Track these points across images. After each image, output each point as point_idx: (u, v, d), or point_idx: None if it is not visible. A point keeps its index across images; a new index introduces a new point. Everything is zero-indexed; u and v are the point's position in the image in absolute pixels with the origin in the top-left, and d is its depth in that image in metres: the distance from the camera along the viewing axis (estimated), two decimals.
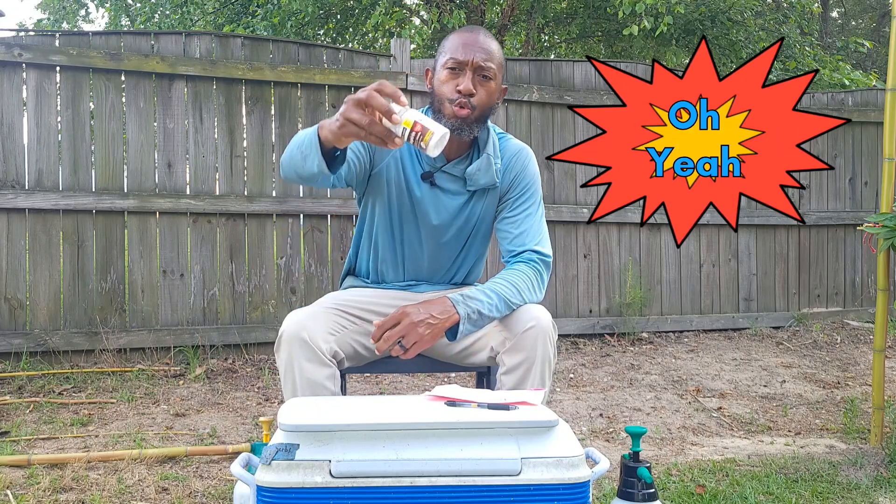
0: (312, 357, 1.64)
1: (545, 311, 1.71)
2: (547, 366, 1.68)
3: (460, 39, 1.75)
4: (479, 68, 1.73)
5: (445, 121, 1.75)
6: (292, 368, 1.65)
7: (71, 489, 2.25)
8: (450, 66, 1.74)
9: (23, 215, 3.70)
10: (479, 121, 1.78)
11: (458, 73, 1.74)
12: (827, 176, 5.36)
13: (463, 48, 1.73)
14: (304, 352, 1.64)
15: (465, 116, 1.74)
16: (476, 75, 1.74)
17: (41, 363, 3.66)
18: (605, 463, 1.40)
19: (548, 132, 4.68)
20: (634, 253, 4.86)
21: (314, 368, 1.64)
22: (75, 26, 11.53)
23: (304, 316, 1.69)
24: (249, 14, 8.96)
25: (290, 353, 1.65)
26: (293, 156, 1.62)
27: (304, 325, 1.66)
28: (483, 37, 1.77)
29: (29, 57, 3.69)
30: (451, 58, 1.74)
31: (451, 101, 1.74)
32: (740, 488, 2.35)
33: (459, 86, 1.72)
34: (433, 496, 1.23)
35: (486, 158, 1.82)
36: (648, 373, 3.98)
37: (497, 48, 1.78)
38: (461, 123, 1.74)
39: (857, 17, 18.39)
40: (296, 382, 1.65)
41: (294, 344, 1.64)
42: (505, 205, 1.89)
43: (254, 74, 4.04)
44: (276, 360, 1.70)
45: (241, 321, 4.03)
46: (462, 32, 1.77)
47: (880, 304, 2.77)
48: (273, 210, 4.07)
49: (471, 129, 1.77)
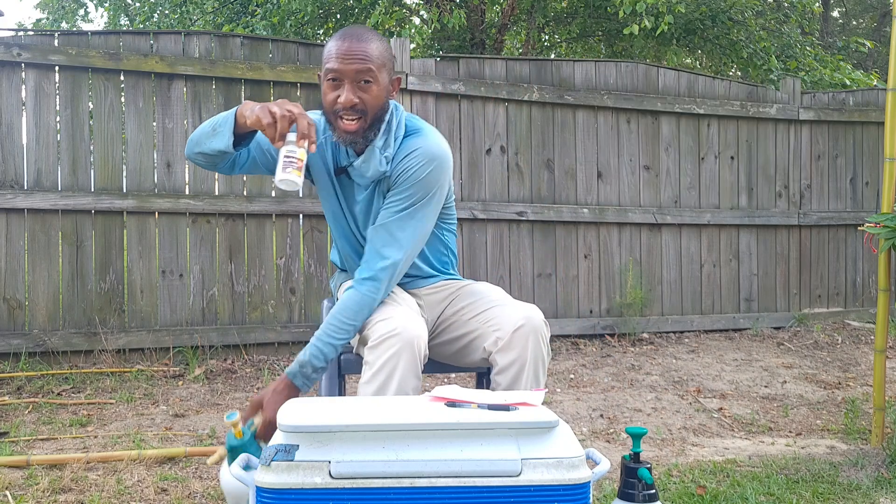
0: (414, 369, 1.63)
1: (536, 309, 1.71)
2: (540, 364, 1.68)
3: (335, 48, 1.70)
4: (358, 74, 1.69)
5: (337, 136, 1.74)
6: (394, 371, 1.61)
7: (70, 490, 2.25)
8: (330, 77, 1.72)
9: (22, 215, 3.69)
10: (373, 125, 1.74)
11: (339, 85, 1.71)
12: (828, 176, 5.36)
13: (338, 58, 1.69)
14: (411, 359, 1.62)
15: (354, 130, 1.72)
16: (356, 83, 1.70)
17: (40, 364, 3.65)
18: (606, 464, 1.40)
19: (548, 132, 4.67)
20: (635, 253, 4.85)
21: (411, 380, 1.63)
22: (74, 26, 11.53)
23: (414, 321, 1.66)
24: (249, 13, 8.95)
25: (399, 352, 1.61)
26: (203, 131, 1.73)
27: (416, 334, 1.63)
28: (356, 42, 1.70)
29: (28, 57, 3.68)
30: (328, 68, 1.72)
31: (335, 114, 1.72)
32: (741, 489, 2.34)
33: (340, 98, 1.70)
34: (433, 497, 1.22)
35: (370, 151, 1.77)
36: (649, 373, 3.97)
37: (376, 47, 1.72)
38: (353, 137, 1.73)
39: (857, 16, 18.39)
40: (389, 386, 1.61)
41: (407, 347, 1.62)
42: (388, 197, 1.81)
43: (253, 74, 4.03)
44: (371, 353, 1.64)
45: (240, 321, 4.02)
46: (337, 39, 1.72)
47: (881, 305, 2.77)
48: (272, 210, 4.06)
49: (365, 138, 1.74)
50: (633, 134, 4.86)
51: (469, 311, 1.82)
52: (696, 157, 5.02)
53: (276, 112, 1.57)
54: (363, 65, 1.69)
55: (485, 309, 1.79)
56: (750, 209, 5.14)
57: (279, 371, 3.80)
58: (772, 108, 5.15)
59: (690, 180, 5.00)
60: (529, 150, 4.61)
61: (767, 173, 5.19)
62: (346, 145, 1.76)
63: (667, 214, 4.88)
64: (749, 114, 5.09)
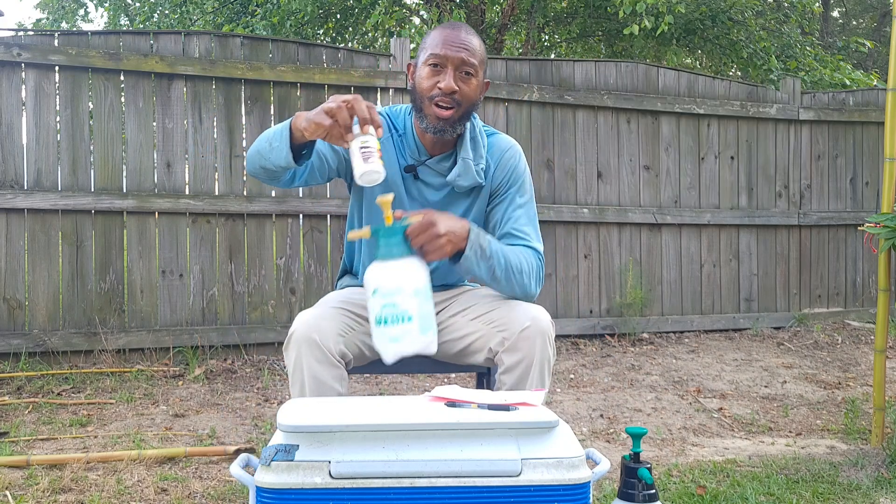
0: (322, 358, 1.64)
1: (543, 310, 1.71)
2: (546, 365, 1.68)
3: (442, 36, 1.73)
4: (462, 64, 1.72)
5: (427, 122, 1.75)
6: (301, 369, 1.64)
7: (70, 490, 2.25)
8: (431, 62, 1.73)
9: (21, 215, 3.69)
10: (463, 118, 1.77)
11: (440, 71, 1.72)
12: (828, 176, 5.36)
13: (444, 45, 1.71)
14: (313, 352, 1.64)
15: (447, 117, 1.73)
16: (458, 72, 1.72)
17: (40, 364, 3.65)
18: (606, 464, 1.40)
19: (548, 132, 4.67)
20: (635, 253, 4.85)
21: (323, 369, 1.64)
22: (74, 26, 11.53)
23: (314, 316, 1.68)
24: (249, 13, 8.95)
25: (299, 353, 1.64)
26: (261, 147, 1.67)
27: (314, 326, 1.65)
28: (465, 33, 1.74)
29: (28, 57, 3.68)
30: (432, 54, 1.72)
31: (431, 99, 1.73)
32: (741, 489, 2.34)
33: (441, 83, 1.71)
34: (433, 497, 1.22)
35: (462, 163, 1.80)
36: (649, 373, 3.97)
37: (479, 44, 1.76)
38: (444, 125, 1.74)
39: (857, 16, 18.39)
40: (304, 383, 1.64)
41: (304, 344, 1.64)
42: (496, 203, 1.87)
43: (253, 74, 4.03)
44: (285, 359, 1.70)
45: (240, 321, 4.02)
46: (444, 29, 1.75)
47: (881, 305, 2.77)
48: (272, 210, 4.06)
49: (454, 129, 1.77)
50: (633, 134, 4.87)
51: (472, 312, 1.82)
52: (696, 157, 5.02)
53: (332, 108, 1.51)
54: (468, 55, 1.72)
55: (489, 310, 1.78)
56: (750, 209, 5.14)
57: (279, 371, 3.80)
58: (772, 108, 5.15)
59: (690, 180, 5.00)
60: (529, 149, 4.61)
61: (767, 173, 5.19)
62: (434, 132, 1.75)
63: (667, 214, 4.88)
64: (749, 114, 5.09)
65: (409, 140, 1.84)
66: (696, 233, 4.99)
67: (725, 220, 5.05)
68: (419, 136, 1.83)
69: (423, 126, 1.77)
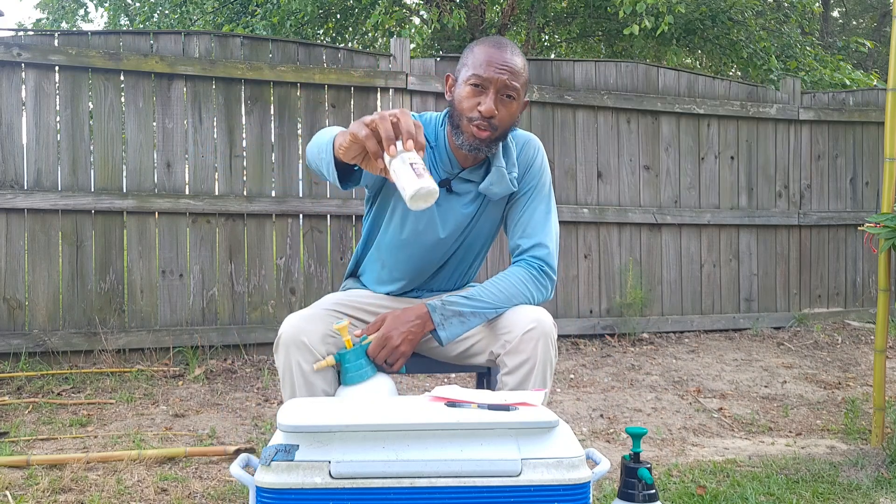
0: (310, 359, 1.66)
1: (546, 312, 1.70)
2: (548, 367, 1.68)
3: (486, 56, 1.68)
4: (504, 88, 1.68)
5: (463, 139, 1.72)
6: (290, 371, 1.66)
7: (70, 490, 2.25)
8: (473, 82, 1.68)
9: (21, 215, 3.69)
10: (499, 139, 1.74)
11: (481, 92, 1.68)
12: (828, 176, 5.36)
13: (488, 65, 1.67)
14: (302, 354, 1.65)
15: (484, 138, 1.71)
16: (499, 95, 1.68)
17: (40, 364, 3.65)
18: (606, 464, 1.40)
19: (548, 132, 4.67)
20: (635, 253, 4.85)
21: (311, 371, 1.66)
22: (74, 26, 11.53)
23: (302, 318, 1.69)
24: (249, 13, 8.95)
25: (287, 355, 1.66)
26: (316, 157, 1.60)
27: (302, 328, 1.66)
28: (510, 54, 1.70)
29: (28, 57, 3.68)
30: (474, 73, 1.68)
31: (470, 120, 1.69)
32: (741, 489, 2.34)
33: (481, 106, 1.67)
34: (433, 497, 1.22)
35: (497, 171, 1.78)
36: (649, 373, 3.97)
37: (523, 64, 1.72)
38: (480, 145, 1.72)
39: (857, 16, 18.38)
40: (294, 384, 1.66)
41: (292, 346, 1.65)
42: (513, 200, 1.86)
43: (253, 74, 4.03)
44: (275, 361, 1.71)
45: (240, 321, 4.02)
46: (489, 47, 1.70)
47: (881, 305, 2.77)
48: (272, 210, 4.06)
49: (489, 148, 1.74)
50: (633, 134, 4.86)
51: None
52: (696, 157, 5.02)
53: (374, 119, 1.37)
54: (512, 79, 1.68)
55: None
56: (750, 209, 5.14)
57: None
58: (772, 108, 5.15)
59: (690, 180, 4.99)
60: None
61: (767, 173, 5.19)
62: (469, 150, 1.73)
63: (667, 214, 4.88)
64: (749, 114, 5.09)
65: (440, 152, 1.81)
66: (696, 233, 4.99)
67: (725, 220, 5.04)
68: (452, 148, 1.80)
69: (459, 143, 1.74)
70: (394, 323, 1.66)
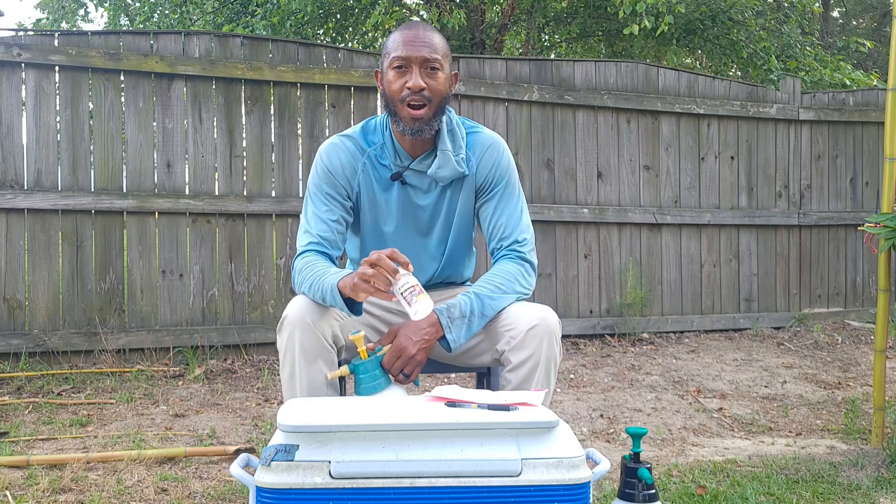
0: (314, 340, 1.65)
1: (550, 310, 1.71)
2: (552, 364, 1.68)
3: (401, 38, 1.76)
4: (425, 62, 1.74)
5: (403, 125, 1.76)
6: (293, 350, 1.65)
7: (70, 490, 2.25)
8: (395, 65, 1.75)
9: (22, 215, 3.69)
10: (437, 115, 1.79)
11: (406, 71, 1.74)
12: (828, 176, 5.36)
13: (405, 45, 1.74)
14: (306, 334, 1.64)
15: (421, 117, 1.75)
16: (423, 69, 1.74)
17: (40, 364, 3.65)
18: (606, 464, 1.40)
19: (548, 132, 4.67)
20: (635, 253, 4.85)
21: (315, 351, 1.64)
22: (74, 26, 11.53)
23: (307, 301, 1.69)
24: (249, 13, 8.94)
25: (291, 333, 1.65)
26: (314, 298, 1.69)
27: (308, 309, 1.66)
28: (423, 31, 1.77)
29: (28, 57, 3.68)
30: (395, 56, 1.75)
31: (402, 101, 1.75)
32: (741, 489, 2.34)
33: (409, 83, 1.73)
34: (433, 497, 1.22)
35: (442, 155, 1.82)
36: (649, 373, 3.97)
37: (439, 38, 1.79)
38: (420, 125, 1.76)
39: (857, 16, 18.38)
40: (294, 364, 1.64)
41: (297, 326, 1.65)
42: (483, 199, 1.89)
43: (253, 74, 4.03)
44: (277, 342, 1.70)
45: (240, 321, 4.02)
46: (402, 31, 1.78)
47: (881, 305, 2.77)
48: (272, 210, 4.06)
49: (430, 126, 1.78)
50: (633, 134, 4.86)
51: None
52: (696, 157, 5.02)
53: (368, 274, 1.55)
54: (430, 52, 1.74)
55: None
56: (750, 209, 5.14)
57: (279, 371, 3.80)
58: (772, 108, 5.15)
59: (690, 180, 5.00)
60: (529, 149, 4.61)
61: (767, 173, 5.19)
62: (411, 134, 1.77)
63: (667, 214, 4.88)
64: (749, 114, 5.09)
65: (388, 147, 1.85)
66: (696, 233, 4.99)
67: (725, 220, 5.04)
68: (399, 140, 1.85)
69: (401, 129, 1.78)
70: (408, 332, 1.66)
